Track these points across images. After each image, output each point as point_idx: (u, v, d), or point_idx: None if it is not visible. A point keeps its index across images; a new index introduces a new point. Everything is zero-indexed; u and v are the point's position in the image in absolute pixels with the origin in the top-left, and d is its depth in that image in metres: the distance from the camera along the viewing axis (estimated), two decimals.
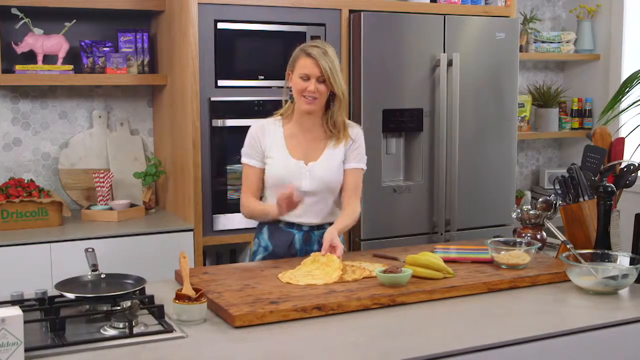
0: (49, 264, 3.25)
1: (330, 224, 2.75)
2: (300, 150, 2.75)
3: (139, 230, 3.46)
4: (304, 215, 2.73)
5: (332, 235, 2.55)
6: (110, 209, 3.68)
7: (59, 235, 3.34)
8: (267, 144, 2.76)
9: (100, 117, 3.94)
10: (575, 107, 5.00)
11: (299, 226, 2.76)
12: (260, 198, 2.83)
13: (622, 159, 2.76)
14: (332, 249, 2.52)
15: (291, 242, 2.76)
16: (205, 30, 3.47)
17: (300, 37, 3.65)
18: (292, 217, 2.72)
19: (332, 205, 2.80)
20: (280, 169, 2.73)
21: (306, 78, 2.66)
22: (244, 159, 2.80)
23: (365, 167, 2.87)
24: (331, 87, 2.69)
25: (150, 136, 4.09)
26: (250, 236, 3.58)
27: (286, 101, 2.80)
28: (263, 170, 2.78)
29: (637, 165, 2.70)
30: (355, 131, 2.85)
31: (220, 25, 3.50)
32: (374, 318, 2.09)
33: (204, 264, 3.62)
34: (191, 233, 3.50)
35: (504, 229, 3.99)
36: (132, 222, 3.60)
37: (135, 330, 1.92)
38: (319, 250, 2.56)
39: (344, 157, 2.79)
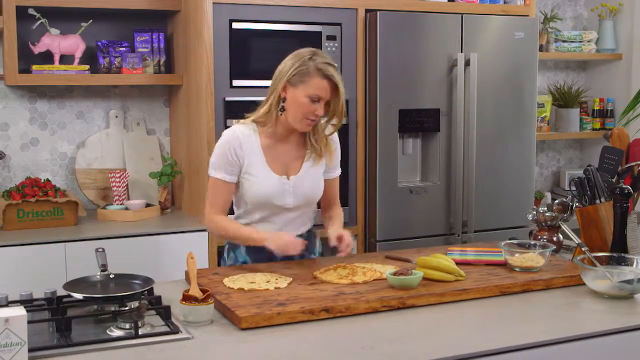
0: (63, 263, 3.26)
1: (309, 231, 2.71)
2: (279, 163, 2.57)
3: (154, 230, 3.46)
4: (284, 229, 2.61)
5: (337, 232, 2.57)
6: (126, 208, 3.69)
7: (74, 234, 3.35)
8: (246, 158, 2.54)
9: (116, 117, 3.95)
10: (596, 108, 4.93)
11: None
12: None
13: None
14: (340, 239, 2.52)
15: (272, 255, 2.58)
16: (220, 30, 3.46)
17: (316, 37, 3.63)
18: (271, 232, 2.59)
19: (311, 215, 2.72)
20: (264, 188, 2.54)
21: (317, 100, 2.45)
22: (216, 174, 2.55)
23: (340, 171, 2.76)
24: (340, 113, 2.52)
25: (167, 136, 4.10)
26: None
27: (279, 109, 2.53)
28: (236, 185, 2.58)
29: None
30: (336, 141, 2.68)
31: (235, 25, 3.49)
32: (383, 321, 2.06)
33: (219, 265, 3.61)
34: (206, 233, 3.50)
35: (523, 230, 3.93)
36: (147, 222, 3.61)
37: (141, 331, 1.91)
38: (300, 258, 2.59)
39: (325, 167, 2.67)
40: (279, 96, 2.52)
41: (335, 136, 2.68)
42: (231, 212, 2.67)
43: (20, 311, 1.69)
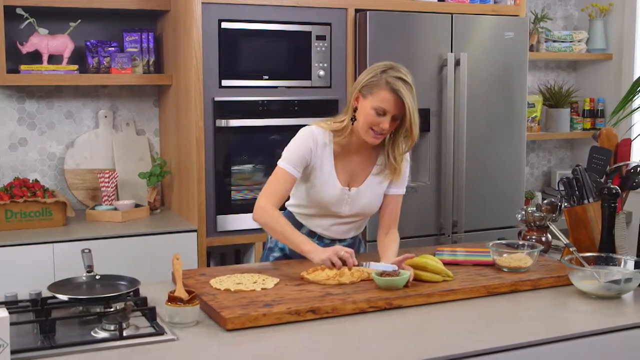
0: (51, 264, 3.24)
1: (354, 237, 2.74)
2: (345, 173, 2.59)
3: (143, 231, 3.44)
4: (331, 229, 2.64)
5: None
6: (115, 209, 3.67)
7: (62, 235, 3.33)
8: (317, 160, 2.55)
9: (106, 117, 3.93)
10: (587, 107, 4.93)
11: (320, 237, 2.67)
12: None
13: (629, 160, 2.71)
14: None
15: None
16: (209, 30, 3.45)
17: (305, 37, 3.63)
18: (318, 229, 2.65)
19: (362, 224, 2.75)
20: (325, 194, 2.57)
21: (382, 113, 2.43)
22: (285, 165, 2.52)
23: (405, 191, 2.72)
24: (410, 130, 2.46)
25: (156, 136, 4.08)
26: (254, 237, 3.59)
27: (350, 118, 2.53)
28: (296, 179, 2.56)
29: None
30: (407, 159, 2.67)
31: (224, 25, 3.48)
32: (370, 322, 2.06)
33: (208, 265, 3.60)
34: (195, 234, 3.49)
35: (513, 230, 3.92)
36: (136, 223, 3.59)
37: (126, 332, 1.90)
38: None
39: (388, 183, 2.66)
40: (352, 106, 2.53)
41: (407, 155, 2.65)
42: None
43: (2, 313, 1.67)
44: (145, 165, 3.97)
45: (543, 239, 2.78)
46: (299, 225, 2.65)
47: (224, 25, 3.48)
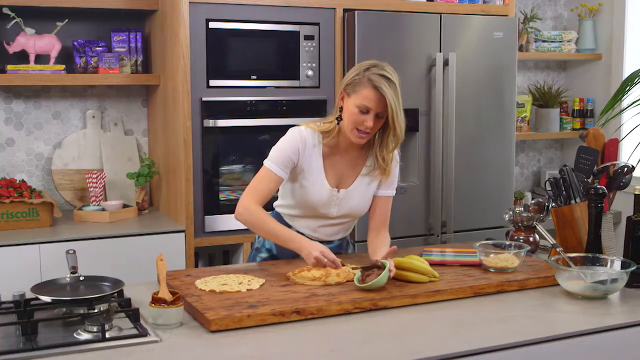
0: (38, 265, 3.22)
1: (341, 239, 2.73)
2: (334, 174, 2.57)
3: (130, 232, 3.42)
4: (319, 230, 2.64)
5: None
6: (103, 209, 3.65)
7: (49, 236, 3.31)
8: (305, 162, 2.53)
9: (94, 117, 3.91)
10: (576, 107, 4.94)
11: (308, 238, 2.61)
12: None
13: (615, 160, 2.71)
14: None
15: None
16: (196, 30, 3.43)
17: (293, 37, 3.61)
18: (306, 230, 2.63)
19: (350, 225, 2.73)
20: (314, 197, 2.55)
21: (366, 111, 2.41)
22: (271, 165, 2.51)
23: (395, 192, 2.71)
24: (392, 127, 2.44)
25: (145, 136, 4.06)
26: (242, 237, 3.57)
27: (336, 117, 2.52)
28: (290, 180, 2.57)
29: (631, 166, 2.65)
30: (396, 159, 2.65)
31: (212, 25, 3.46)
32: (355, 323, 2.05)
33: (196, 266, 3.59)
34: (182, 234, 3.47)
35: (502, 231, 3.92)
36: (123, 223, 3.57)
37: (109, 334, 1.88)
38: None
39: (378, 185, 2.64)
40: (338, 106, 2.52)
41: (397, 154, 2.63)
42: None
43: None
44: (134, 165, 3.95)
45: (530, 239, 2.78)
46: (286, 226, 2.63)
47: (212, 25, 3.47)
